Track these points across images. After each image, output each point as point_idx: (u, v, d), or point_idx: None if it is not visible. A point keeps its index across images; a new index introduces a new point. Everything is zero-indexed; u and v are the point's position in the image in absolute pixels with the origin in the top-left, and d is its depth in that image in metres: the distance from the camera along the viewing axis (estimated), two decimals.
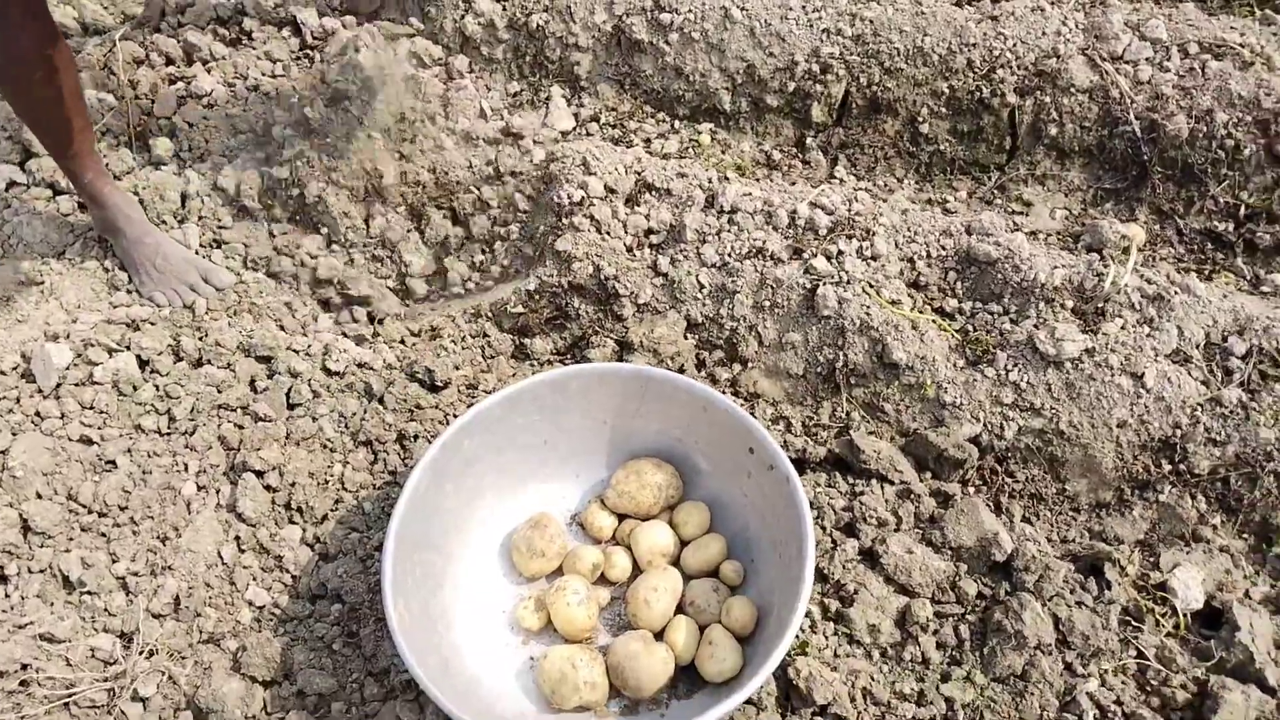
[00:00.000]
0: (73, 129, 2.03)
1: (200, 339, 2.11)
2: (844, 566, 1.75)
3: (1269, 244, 2.13)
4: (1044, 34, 2.28)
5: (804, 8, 2.40)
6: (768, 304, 2.05)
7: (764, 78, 2.42)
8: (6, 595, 1.72)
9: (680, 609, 1.73)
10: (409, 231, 2.39)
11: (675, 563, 1.80)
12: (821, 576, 1.75)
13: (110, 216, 2.16)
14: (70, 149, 2.06)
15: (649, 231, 2.18)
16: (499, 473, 1.87)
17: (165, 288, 2.19)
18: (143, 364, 2.04)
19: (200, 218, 2.33)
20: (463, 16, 2.58)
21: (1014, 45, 2.28)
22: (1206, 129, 2.14)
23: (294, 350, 2.11)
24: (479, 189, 2.37)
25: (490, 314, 2.26)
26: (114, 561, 1.78)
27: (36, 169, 2.35)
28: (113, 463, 1.88)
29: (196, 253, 2.27)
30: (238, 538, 1.84)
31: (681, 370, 2.06)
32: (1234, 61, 2.19)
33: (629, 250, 2.16)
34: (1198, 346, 1.86)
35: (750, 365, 2.07)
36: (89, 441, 1.91)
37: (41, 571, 1.74)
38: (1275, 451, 1.75)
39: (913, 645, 1.66)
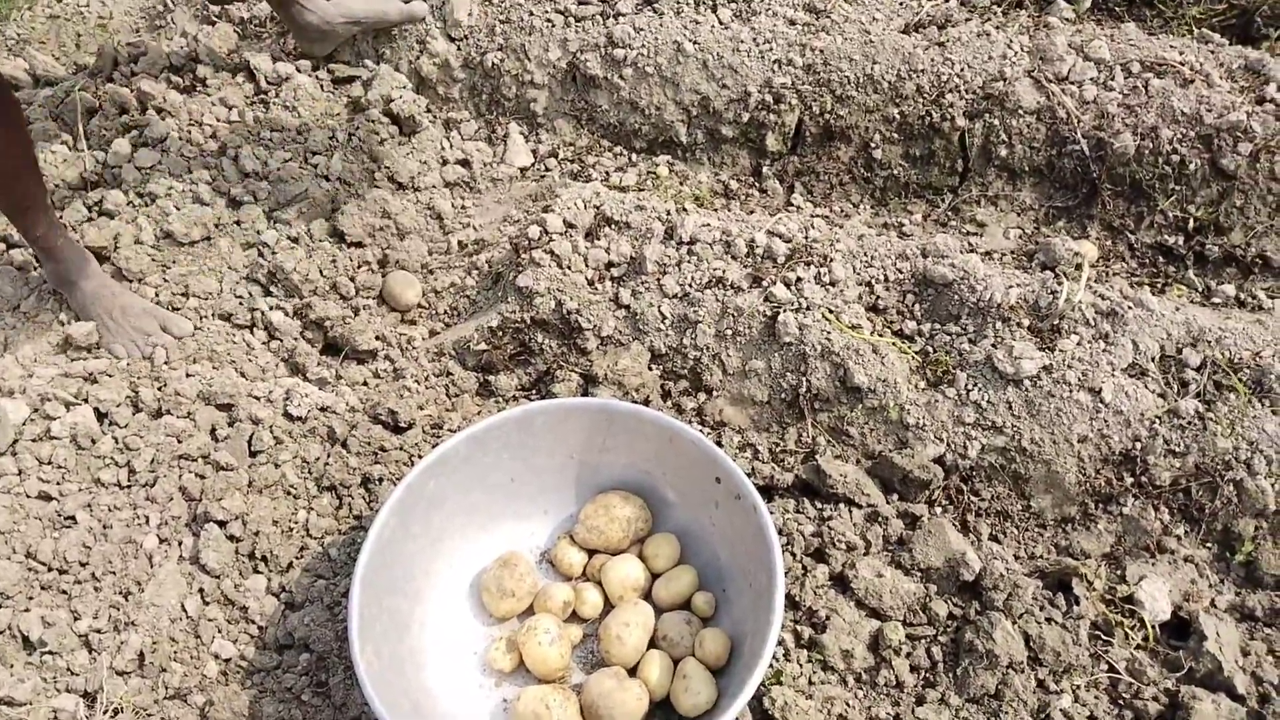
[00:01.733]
0: (23, 183, 2.01)
1: (159, 389, 2.08)
2: (815, 593, 1.75)
3: (1218, 256, 2.17)
4: (990, 58, 2.33)
5: (755, 40, 2.44)
6: (730, 332, 2.06)
7: (718, 109, 2.45)
8: None
9: (653, 643, 1.72)
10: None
11: (646, 596, 1.80)
12: (793, 604, 1.75)
13: (64, 270, 2.14)
14: (21, 203, 2.03)
15: (610, 265, 2.19)
16: (466, 513, 1.85)
17: (124, 338, 2.16)
18: (101, 416, 2.02)
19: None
20: (418, 57, 2.60)
21: (961, 70, 2.32)
22: (1152, 145, 2.18)
23: (255, 397, 2.08)
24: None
25: (453, 352, 2.25)
26: (75, 619, 1.75)
27: None
28: (72, 518, 1.85)
29: (155, 302, 2.25)
30: (201, 590, 1.81)
31: (647, 401, 2.06)
32: (1175, 79, 2.24)
33: (590, 284, 2.17)
34: (1153, 360, 1.88)
35: (715, 394, 2.08)
36: (47, 498, 1.88)
37: (0, 633, 1.71)
38: (1233, 460, 1.77)
39: (886, 669, 1.66)
